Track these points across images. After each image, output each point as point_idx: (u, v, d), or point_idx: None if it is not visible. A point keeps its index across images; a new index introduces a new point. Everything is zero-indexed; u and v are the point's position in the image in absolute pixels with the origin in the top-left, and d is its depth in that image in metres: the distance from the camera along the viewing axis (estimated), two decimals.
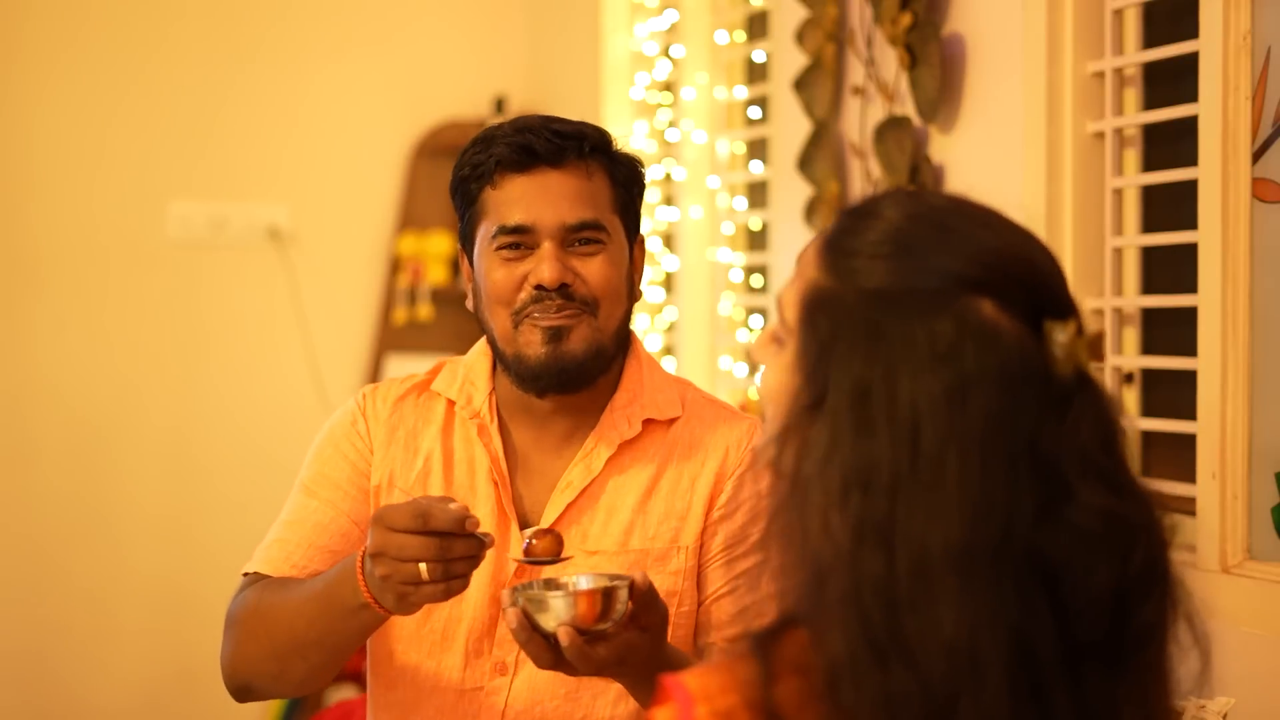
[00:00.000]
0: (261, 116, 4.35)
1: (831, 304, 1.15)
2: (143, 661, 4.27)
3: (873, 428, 1.09)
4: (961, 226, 1.16)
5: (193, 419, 4.30)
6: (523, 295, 1.80)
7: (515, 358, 1.82)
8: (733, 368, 3.62)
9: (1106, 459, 1.13)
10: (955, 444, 1.08)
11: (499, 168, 1.81)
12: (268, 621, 1.75)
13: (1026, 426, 1.10)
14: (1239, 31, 2.04)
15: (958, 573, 1.07)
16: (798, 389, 1.15)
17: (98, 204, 4.24)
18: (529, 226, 1.79)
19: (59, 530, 4.21)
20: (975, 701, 1.07)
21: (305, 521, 1.88)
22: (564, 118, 1.86)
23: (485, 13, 4.51)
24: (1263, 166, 2.04)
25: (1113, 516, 1.11)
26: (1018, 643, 1.08)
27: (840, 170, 2.93)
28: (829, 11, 2.91)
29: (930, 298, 1.11)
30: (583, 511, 1.84)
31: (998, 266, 1.13)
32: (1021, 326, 1.12)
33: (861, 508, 1.08)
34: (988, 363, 1.10)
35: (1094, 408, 1.13)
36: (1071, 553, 1.09)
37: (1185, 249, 2.20)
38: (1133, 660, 1.13)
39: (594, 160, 1.83)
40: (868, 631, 1.07)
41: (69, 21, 4.21)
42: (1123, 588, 1.11)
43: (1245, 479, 2.07)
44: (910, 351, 1.10)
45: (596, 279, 1.80)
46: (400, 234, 4.40)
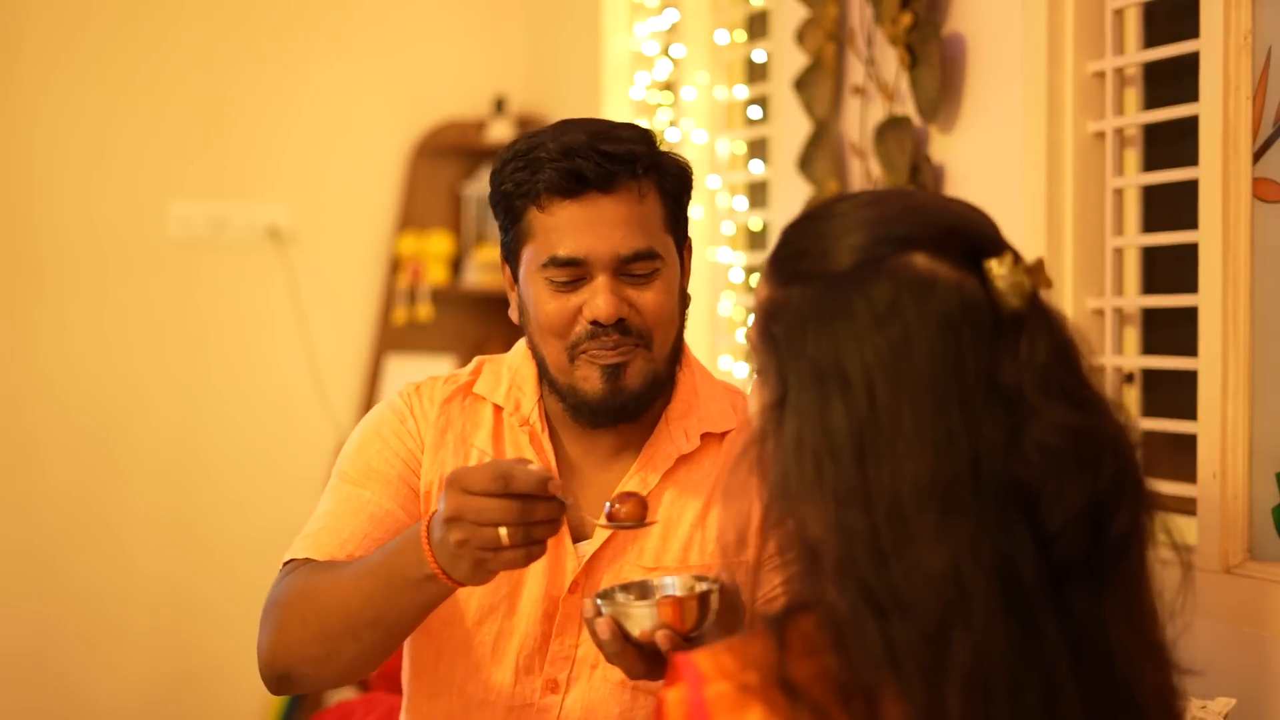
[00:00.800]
0: (261, 116, 4.35)
1: (779, 310, 1.21)
2: (145, 662, 4.27)
3: (830, 401, 1.14)
4: (883, 201, 1.23)
5: (193, 419, 4.30)
6: (578, 330, 1.74)
7: (570, 389, 1.76)
8: (733, 368, 3.62)
9: (1067, 376, 1.17)
10: (907, 392, 1.13)
11: (547, 191, 1.72)
12: (317, 602, 1.66)
13: (978, 361, 1.14)
14: (1240, 31, 2.04)
15: (932, 510, 1.11)
16: (766, 397, 1.20)
17: (98, 204, 4.24)
18: (581, 259, 1.72)
19: (60, 531, 4.21)
20: (967, 630, 1.10)
21: (359, 512, 1.78)
22: (611, 127, 1.77)
23: (485, 13, 4.51)
24: (1263, 166, 2.04)
25: (1078, 432, 1.15)
26: (1001, 569, 1.12)
27: (840, 170, 2.93)
28: (829, 11, 2.91)
29: (863, 268, 1.17)
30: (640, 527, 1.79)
31: (923, 222, 1.19)
32: (958, 270, 1.17)
33: (835, 476, 1.13)
34: (927, 310, 1.15)
35: (1047, 330, 1.18)
36: (1043, 474, 1.14)
37: (1186, 249, 2.20)
38: (1113, 573, 1.16)
39: (645, 179, 1.74)
40: (864, 589, 1.11)
41: (69, 21, 4.21)
42: (1096, 502, 1.15)
43: (1246, 479, 2.06)
44: (852, 322, 1.15)
45: (651, 311, 1.74)
46: (400, 234, 4.40)
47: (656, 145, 1.78)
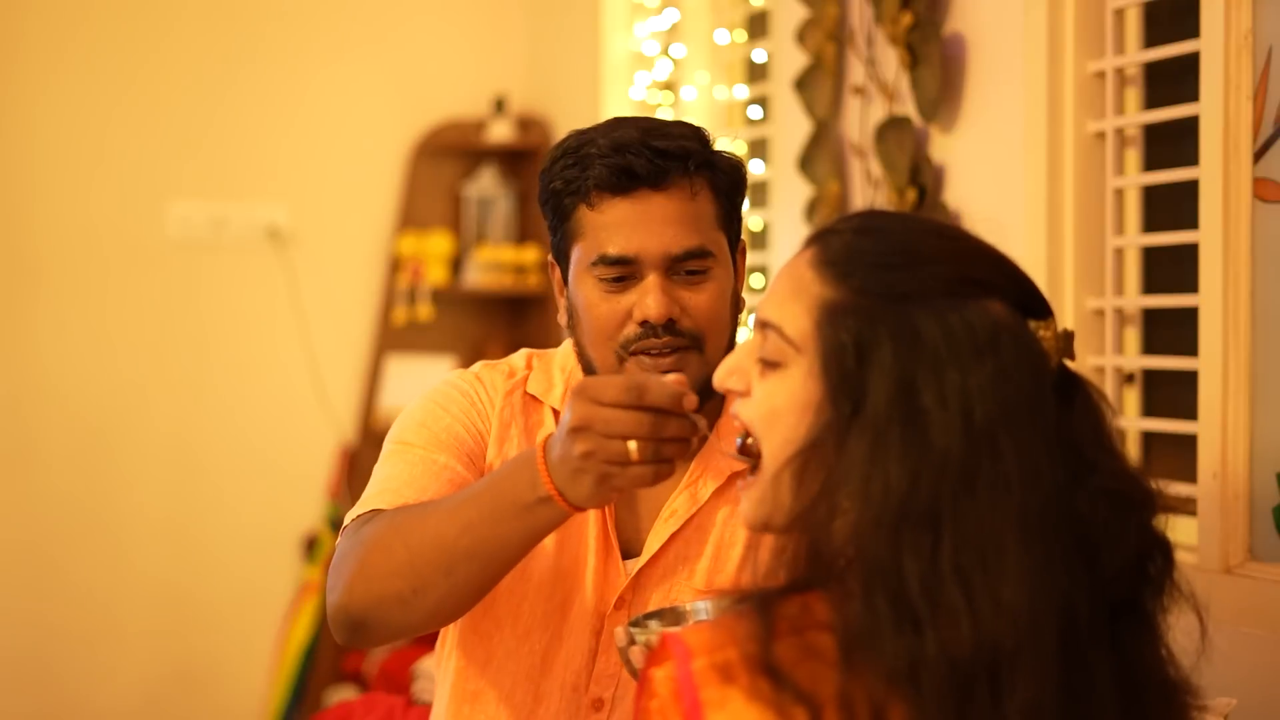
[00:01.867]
0: (261, 116, 4.35)
1: (853, 313, 1.20)
2: (144, 662, 4.27)
3: (924, 419, 1.15)
4: (955, 235, 1.27)
5: (193, 419, 4.30)
6: (627, 331, 1.68)
7: None
8: None
9: (1109, 435, 1.24)
10: (1006, 425, 1.16)
11: (596, 189, 1.68)
12: (407, 534, 1.54)
13: (1049, 408, 1.19)
14: (1240, 31, 2.04)
15: (1017, 543, 1.14)
16: (822, 401, 1.20)
17: (98, 204, 4.24)
18: (632, 257, 1.67)
19: (59, 531, 4.21)
20: (1031, 663, 1.12)
21: (437, 475, 1.69)
22: (663, 125, 1.72)
23: (485, 13, 4.51)
24: (1264, 166, 2.04)
25: (1132, 481, 1.22)
26: (1064, 607, 1.15)
27: (841, 170, 2.93)
28: (829, 11, 2.91)
29: (954, 299, 1.19)
30: (690, 545, 1.73)
31: (997, 270, 1.24)
32: (1022, 324, 1.22)
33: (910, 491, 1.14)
34: (1022, 351, 1.19)
35: (1093, 395, 1.25)
36: (1106, 513, 1.19)
37: (1186, 249, 2.20)
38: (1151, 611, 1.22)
39: (698, 176, 1.69)
40: (903, 600, 1.12)
41: (69, 21, 4.21)
42: (1143, 549, 1.21)
43: (1246, 479, 2.06)
44: (952, 345, 1.17)
45: (703, 312, 1.68)
46: (400, 234, 4.40)
47: (709, 143, 1.73)
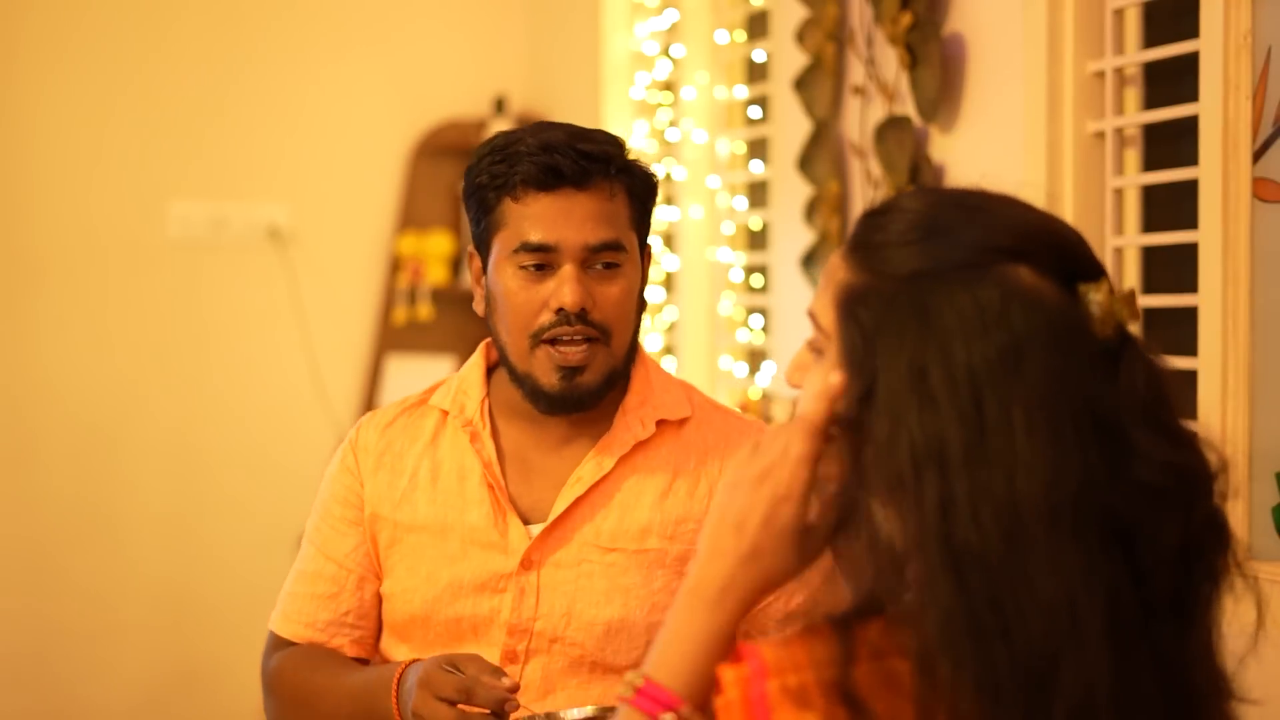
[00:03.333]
0: (261, 116, 4.35)
1: (868, 296, 1.15)
2: (144, 661, 4.27)
3: (935, 403, 1.10)
4: (985, 204, 1.19)
5: (193, 418, 4.30)
6: (542, 319, 1.82)
7: (527, 376, 1.84)
8: (733, 367, 3.62)
9: (1161, 411, 1.14)
10: (1018, 405, 1.09)
11: (523, 184, 1.82)
12: (308, 708, 1.89)
13: (1081, 385, 1.11)
14: (1239, 31, 2.04)
15: (1045, 530, 1.07)
16: (849, 387, 1.15)
17: (98, 204, 4.24)
18: (552, 245, 1.81)
19: (61, 530, 4.21)
20: (1077, 660, 1.07)
21: (307, 573, 1.97)
22: (588, 131, 1.86)
23: (485, 13, 4.51)
24: (1263, 166, 2.04)
25: (1175, 469, 1.13)
26: (1109, 600, 1.08)
27: (840, 170, 2.93)
28: (829, 11, 2.91)
29: (969, 270, 1.13)
30: (596, 508, 1.87)
31: (1027, 234, 1.16)
32: (1059, 290, 1.13)
33: (940, 482, 1.09)
34: (1036, 324, 1.11)
35: (1142, 362, 1.15)
36: (1142, 510, 1.11)
37: (1185, 249, 2.20)
38: (1197, 612, 1.15)
39: (617, 180, 1.84)
40: (968, 604, 1.07)
41: (68, 21, 4.21)
42: (1186, 544, 1.13)
43: (1245, 479, 2.06)
44: (960, 322, 1.11)
45: (612, 305, 1.83)
46: (400, 234, 4.40)
47: (627, 151, 1.88)
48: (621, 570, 1.84)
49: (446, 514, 1.88)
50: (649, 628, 1.82)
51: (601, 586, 1.84)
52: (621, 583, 1.84)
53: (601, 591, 1.84)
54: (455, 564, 1.87)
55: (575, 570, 1.85)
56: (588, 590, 1.84)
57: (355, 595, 1.93)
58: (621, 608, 1.84)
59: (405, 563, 1.89)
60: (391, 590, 1.90)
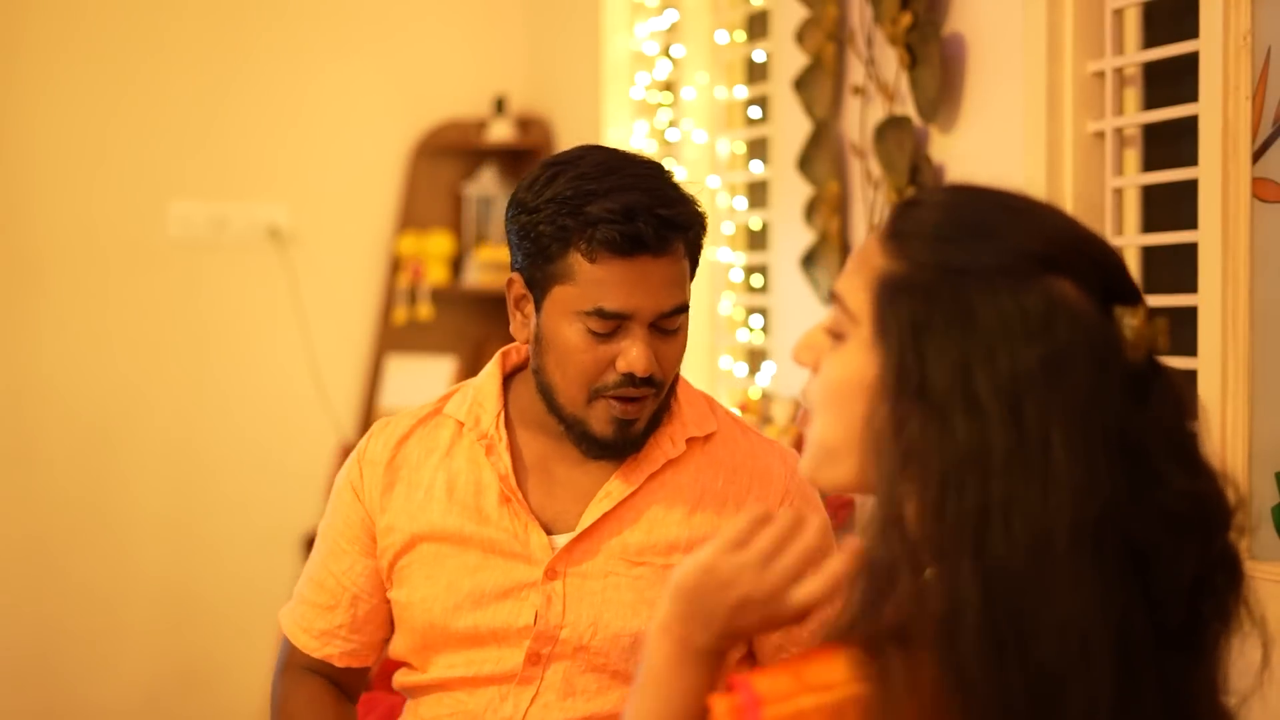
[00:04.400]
0: (261, 116, 4.35)
1: (912, 287, 1.13)
2: (145, 661, 4.27)
3: (979, 405, 1.08)
4: (1029, 209, 1.17)
5: (194, 418, 4.30)
6: (608, 378, 1.79)
7: (578, 422, 1.82)
8: (733, 367, 3.62)
9: (1186, 440, 1.14)
10: (1057, 419, 1.08)
11: (603, 247, 1.75)
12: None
13: (1115, 405, 1.10)
14: (1239, 31, 2.04)
15: (1070, 551, 1.06)
16: (882, 376, 1.13)
17: (98, 204, 4.24)
18: (629, 314, 1.77)
19: (61, 530, 4.21)
20: (1084, 684, 1.06)
21: (312, 579, 1.97)
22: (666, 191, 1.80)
23: (485, 13, 4.51)
24: (1263, 166, 2.04)
25: (1196, 499, 1.12)
26: (1120, 626, 1.07)
27: (840, 170, 2.93)
28: (829, 11, 2.91)
29: (1014, 275, 1.11)
30: (624, 523, 1.85)
31: (1072, 248, 1.14)
32: (1096, 308, 1.12)
33: (980, 488, 1.07)
34: (1078, 338, 1.10)
35: (1172, 391, 1.14)
36: (1161, 537, 1.10)
37: (1185, 249, 2.20)
38: (1205, 649, 1.14)
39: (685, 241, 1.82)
40: (990, 614, 1.06)
41: (69, 21, 4.21)
42: (1201, 574, 1.12)
43: (1246, 479, 2.06)
44: (1005, 326, 1.09)
45: (673, 361, 1.82)
46: (400, 234, 4.40)
47: (701, 212, 1.85)
48: (648, 584, 1.83)
49: (463, 526, 1.86)
50: None
51: (629, 599, 1.83)
52: (648, 596, 1.82)
53: (629, 604, 1.83)
54: (476, 573, 1.85)
55: (602, 581, 1.83)
56: (615, 602, 1.83)
57: (349, 611, 1.94)
58: (648, 621, 1.79)
59: (423, 571, 1.87)
60: (409, 599, 1.88)
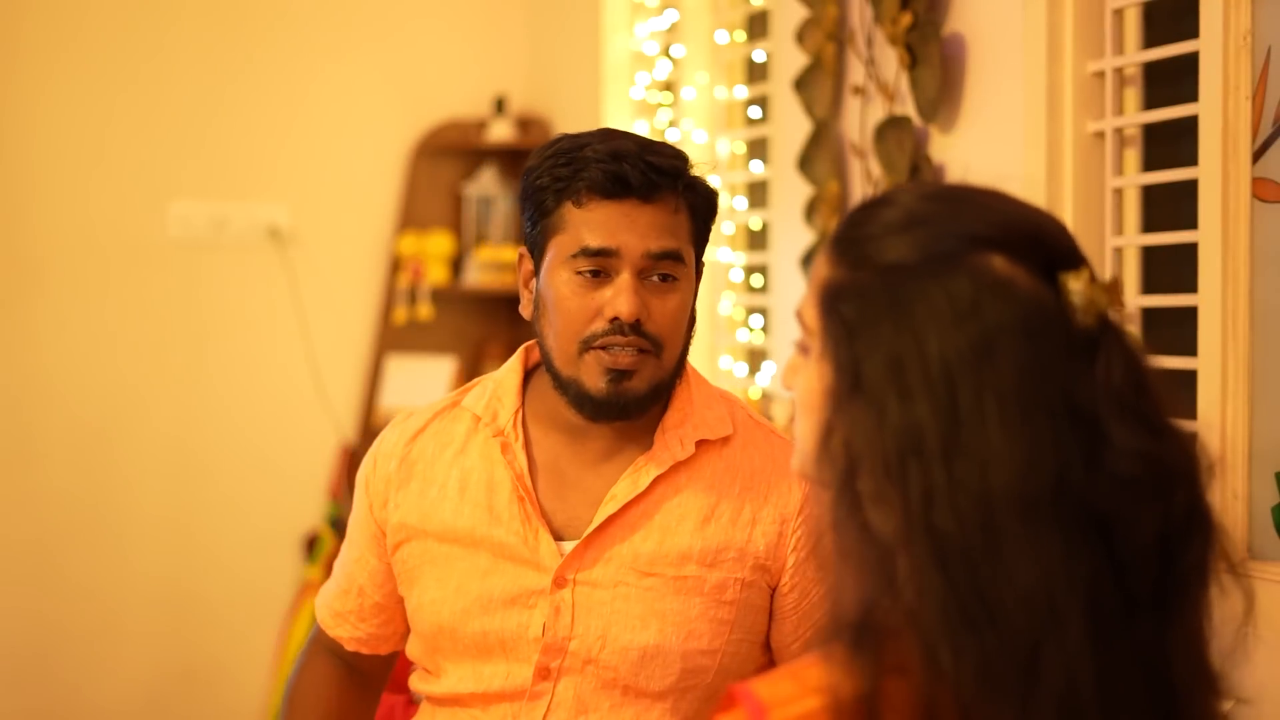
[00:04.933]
0: (261, 116, 4.35)
1: (849, 290, 1.16)
2: (145, 661, 4.27)
3: (911, 394, 1.10)
4: (964, 196, 1.19)
5: (194, 418, 4.30)
6: (595, 326, 1.78)
7: (573, 381, 1.80)
8: (733, 367, 3.62)
9: (1140, 401, 1.13)
10: (990, 396, 1.09)
11: (588, 190, 1.78)
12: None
13: (1056, 376, 1.11)
14: (1239, 31, 2.04)
15: (1020, 520, 1.07)
16: (831, 380, 1.15)
17: (98, 204, 4.24)
18: (613, 250, 1.77)
19: (61, 530, 4.21)
20: (1059, 649, 1.07)
21: (341, 560, 2.01)
22: (656, 142, 1.83)
23: (485, 13, 4.51)
24: (1263, 166, 2.04)
25: (1152, 459, 1.12)
26: (1089, 593, 1.08)
27: (840, 170, 2.93)
28: (829, 11, 2.91)
29: (943, 260, 1.13)
30: (634, 529, 1.82)
31: (1003, 224, 1.15)
32: (1036, 280, 1.13)
33: (920, 474, 1.09)
34: (1007, 314, 1.11)
35: (1121, 351, 1.14)
36: (1118, 502, 1.10)
37: (1185, 249, 2.20)
38: (1179, 606, 1.13)
39: (682, 195, 1.81)
40: (955, 596, 1.07)
41: (69, 21, 4.21)
42: (1166, 534, 1.12)
43: (1245, 479, 2.07)
44: (932, 313, 1.11)
45: (667, 320, 1.80)
46: (400, 234, 4.40)
47: (692, 167, 1.84)
48: (658, 595, 1.80)
49: (475, 526, 1.84)
50: (684, 655, 1.79)
51: (638, 611, 1.80)
52: (658, 608, 1.80)
53: (638, 616, 1.80)
54: (486, 578, 1.83)
55: (611, 592, 1.80)
56: (624, 613, 1.80)
57: (357, 600, 1.97)
58: (658, 634, 1.79)
59: (435, 573, 1.86)
60: (420, 600, 1.87)
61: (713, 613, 1.80)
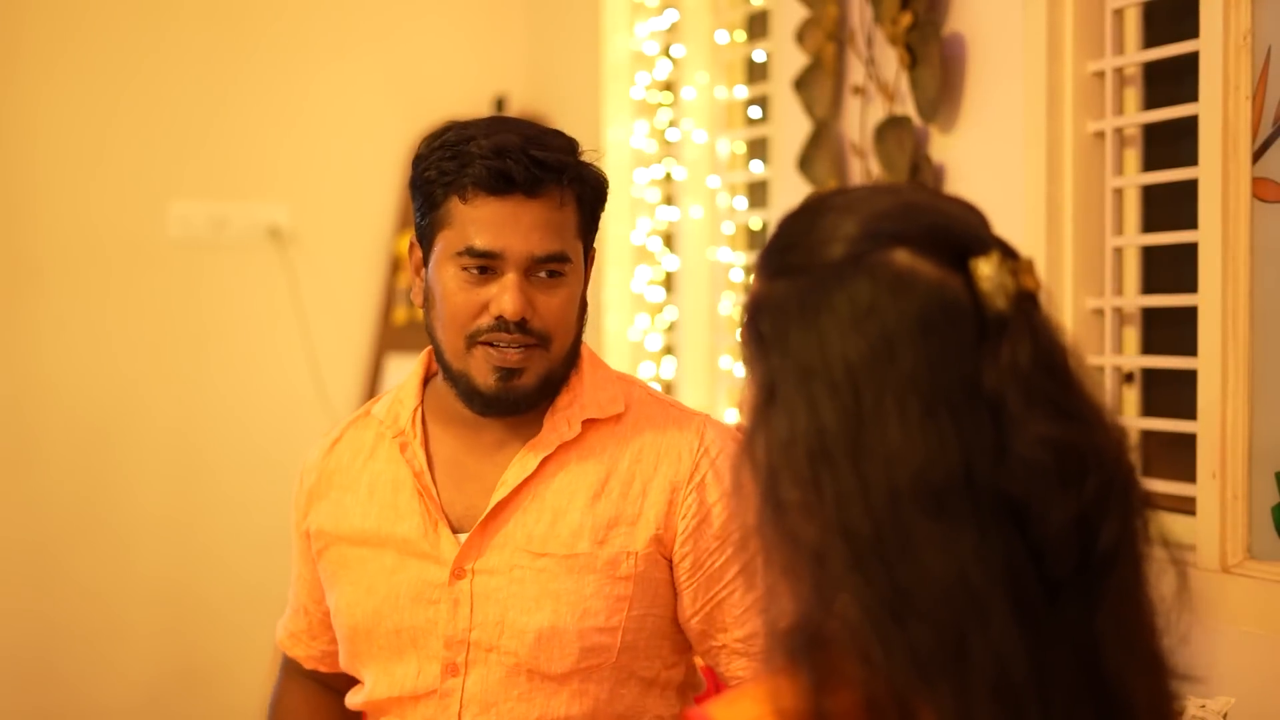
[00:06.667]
0: (261, 116, 4.35)
1: (765, 304, 1.18)
2: (145, 660, 4.27)
3: (818, 401, 1.11)
4: (875, 196, 1.20)
5: (194, 418, 4.30)
6: (480, 322, 1.80)
7: (462, 375, 1.82)
8: (733, 367, 3.62)
9: (1051, 384, 1.12)
10: (891, 395, 1.09)
11: (473, 185, 1.78)
12: None
13: (962, 365, 1.11)
14: (1239, 31, 2.04)
15: (928, 514, 1.08)
16: (753, 394, 1.17)
17: (98, 204, 4.24)
18: (497, 253, 1.78)
19: (62, 530, 4.21)
20: (984, 635, 1.07)
21: (291, 591, 2.06)
22: (543, 134, 1.83)
23: (485, 13, 4.51)
24: (1263, 166, 2.04)
25: (1061, 446, 1.11)
26: (1008, 580, 1.08)
27: (840, 170, 2.93)
28: (829, 11, 2.91)
29: (845, 264, 1.14)
30: (527, 512, 1.84)
31: (909, 218, 1.15)
32: (941, 269, 1.13)
33: (832, 479, 1.10)
34: (907, 310, 1.11)
35: (1030, 334, 1.12)
36: (1028, 489, 1.10)
37: (1185, 249, 2.20)
38: (1104, 587, 1.12)
39: (568, 188, 1.81)
40: (878, 593, 1.08)
41: (69, 21, 4.21)
42: (1081, 517, 1.11)
43: (1245, 479, 2.07)
44: (835, 319, 1.12)
45: (554, 314, 1.81)
46: (400, 234, 4.40)
47: (580, 156, 1.85)
48: (552, 576, 1.81)
49: (381, 525, 1.87)
50: (580, 634, 1.80)
51: (532, 593, 1.81)
52: (552, 588, 1.80)
53: (532, 598, 1.81)
54: (392, 575, 1.86)
55: (507, 576, 1.82)
56: (519, 596, 1.81)
57: (305, 618, 2.02)
58: (552, 614, 1.80)
59: (348, 575, 1.89)
60: (337, 604, 1.90)
61: (608, 589, 1.80)
